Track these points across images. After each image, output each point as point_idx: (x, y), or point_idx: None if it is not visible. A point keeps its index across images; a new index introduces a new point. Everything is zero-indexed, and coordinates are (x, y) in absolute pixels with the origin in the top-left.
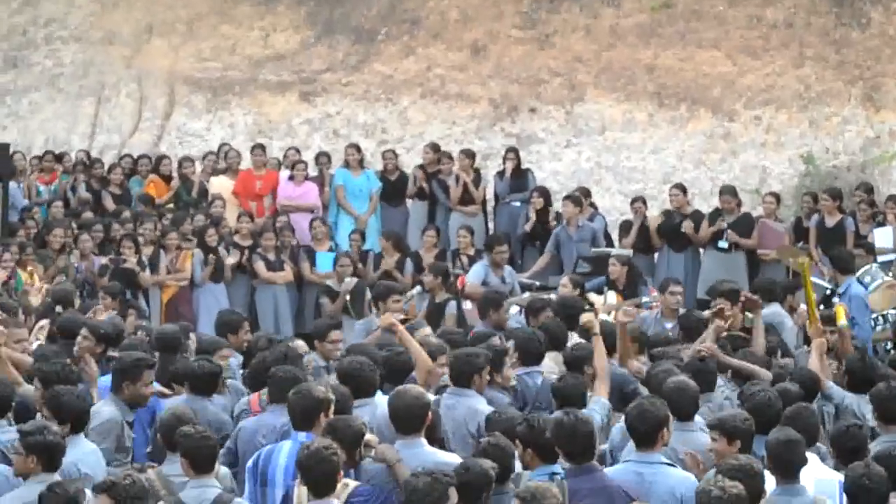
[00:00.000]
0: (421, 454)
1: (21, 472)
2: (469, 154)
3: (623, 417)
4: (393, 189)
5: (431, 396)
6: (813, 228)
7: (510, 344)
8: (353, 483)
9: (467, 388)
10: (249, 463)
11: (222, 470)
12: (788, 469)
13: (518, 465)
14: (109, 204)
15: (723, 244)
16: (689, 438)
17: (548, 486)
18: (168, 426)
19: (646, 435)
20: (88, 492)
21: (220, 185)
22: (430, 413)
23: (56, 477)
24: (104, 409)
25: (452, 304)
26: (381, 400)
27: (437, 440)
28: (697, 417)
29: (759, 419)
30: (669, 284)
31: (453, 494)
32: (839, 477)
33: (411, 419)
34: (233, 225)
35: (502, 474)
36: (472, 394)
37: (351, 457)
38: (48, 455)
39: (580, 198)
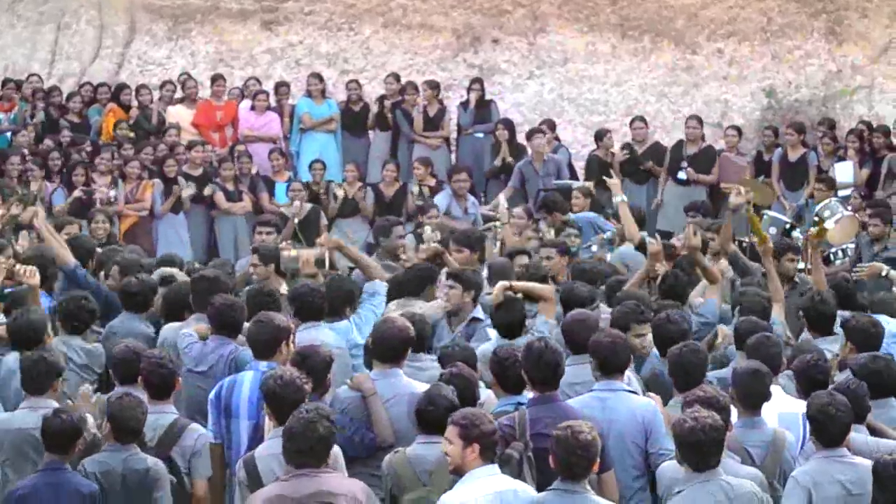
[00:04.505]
0: (397, 384)
1: None
2: (433, 85)
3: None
4: (356, 120)
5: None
6: (776, 162)
7: None
8: None
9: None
10: (212, 394)
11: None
12: (752, 401)
13: (491, 395)
14: (66, 133)
15: (681, 176)
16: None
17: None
18: (123, 359)
19: (612, 365)
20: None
21: (178, 115)
22: (411, 346)
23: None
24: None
25: None
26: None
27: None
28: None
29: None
30: None
31: None
32: (802, 408)
33: (394, 348)
34: (190, 155)
35: (464, 403)
36: None
37: (319, 385)
38: None
39: (542, 130)
